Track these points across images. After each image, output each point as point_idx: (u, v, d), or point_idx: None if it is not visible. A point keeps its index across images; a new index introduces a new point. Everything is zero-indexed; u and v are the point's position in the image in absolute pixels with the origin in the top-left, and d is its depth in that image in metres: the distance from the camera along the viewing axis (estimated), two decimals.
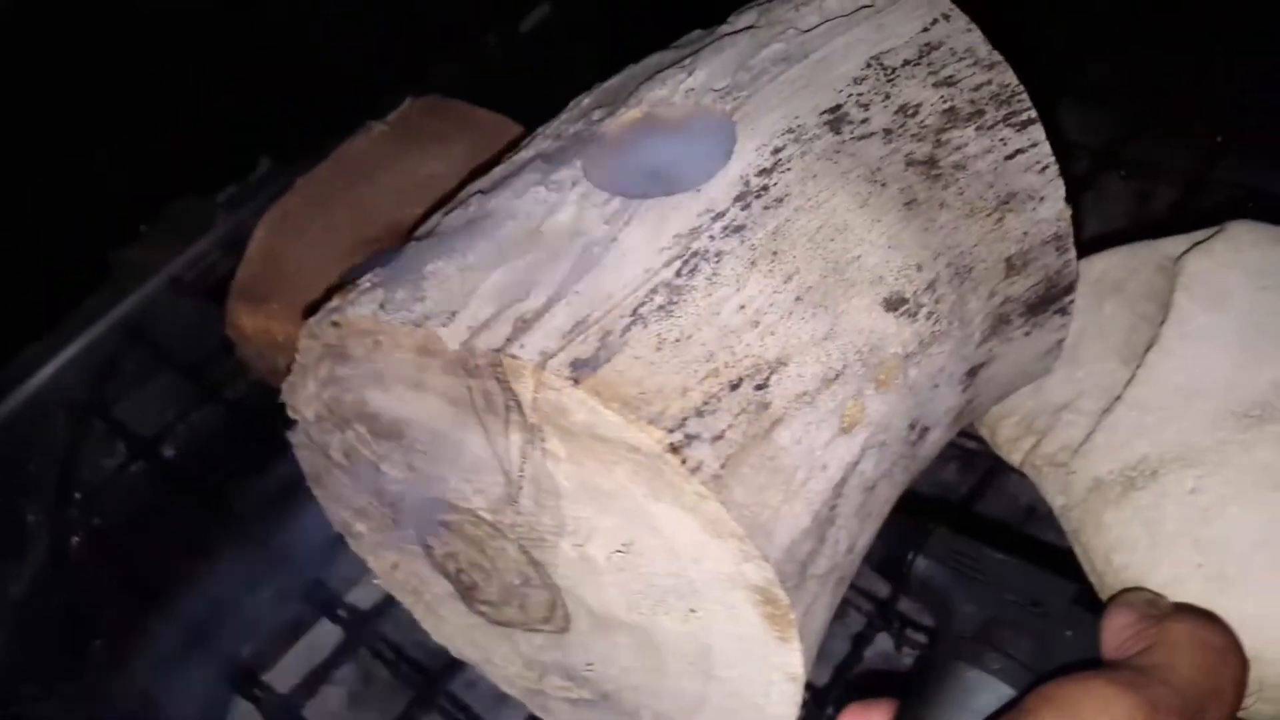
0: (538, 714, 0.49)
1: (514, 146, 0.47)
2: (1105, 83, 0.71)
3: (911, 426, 0.39)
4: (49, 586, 0.65)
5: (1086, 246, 0.52)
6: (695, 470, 0.31)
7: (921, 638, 0.47)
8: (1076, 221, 0.43)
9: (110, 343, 0.75)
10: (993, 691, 0.34)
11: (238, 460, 0.69)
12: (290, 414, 0.45)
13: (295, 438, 0.46)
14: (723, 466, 0.32)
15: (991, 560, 0.37)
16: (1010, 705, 0.32)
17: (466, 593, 0.45)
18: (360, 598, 0.61)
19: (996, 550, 0.37)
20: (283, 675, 0.63)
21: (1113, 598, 0.36)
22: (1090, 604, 0.36)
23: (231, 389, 0.71)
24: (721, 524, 0.32)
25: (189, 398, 0.72)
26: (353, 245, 0.60)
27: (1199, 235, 0.48)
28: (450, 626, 0.50)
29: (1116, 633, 0.34)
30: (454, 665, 0.53)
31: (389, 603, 0.55)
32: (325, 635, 0.66)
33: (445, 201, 0.47)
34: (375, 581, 0.51)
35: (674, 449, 0.32)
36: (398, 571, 0.49)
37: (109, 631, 0.63)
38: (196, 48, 0.84)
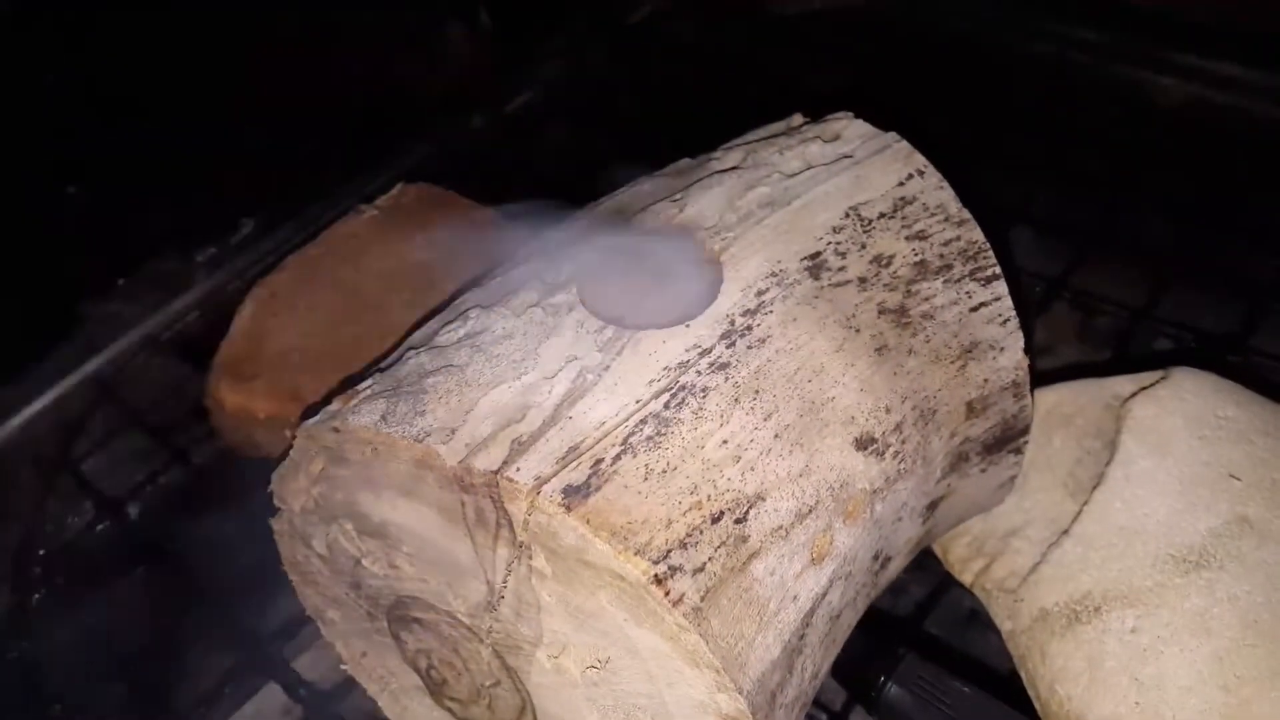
0: None
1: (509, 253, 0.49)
2: (1058, 215, 0.75)
3: (875, 557, 0.41)
4: (7, 643, 0.65)
5: (1037, 376, 0.56)
6: (677, 602, 0.34)
7: None
8: (1031, 365, 0.46)
9: (81, 397, 0.76)
10: None
11: (203, 525, 0.70)
12: (276, 503, 0.46)
13: (277, 525, 0.47)
14: (703, 599, 0.34)
15: (959, 693, 0.39)
16: None
17: (435, 688, 0.46)
18: (317, 672, 0.62)
19: (963, 683, 0.39)
20: None
21: None
22: None
23: (200, 453, 0.71)
24: (699, 655, 0.34)
25: (158, 459, 0.72)
26: (338, 327, 0.61)
27: (1145, 377, 0.52)
28: (414, 717, 0.51)
29: None
30: None
31: (348, 683, 0.56)
32: (271, 699, 0.66)
33: (431, 294, 0.49)
34: (342, 667, 0.52)
35: (658, 580, 0.34)
36: (366, 660, 0.51)
37: (67, 693, 0.63)
38: (188, 107, 0.85)
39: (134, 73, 0.78)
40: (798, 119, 0.52)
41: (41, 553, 0.69)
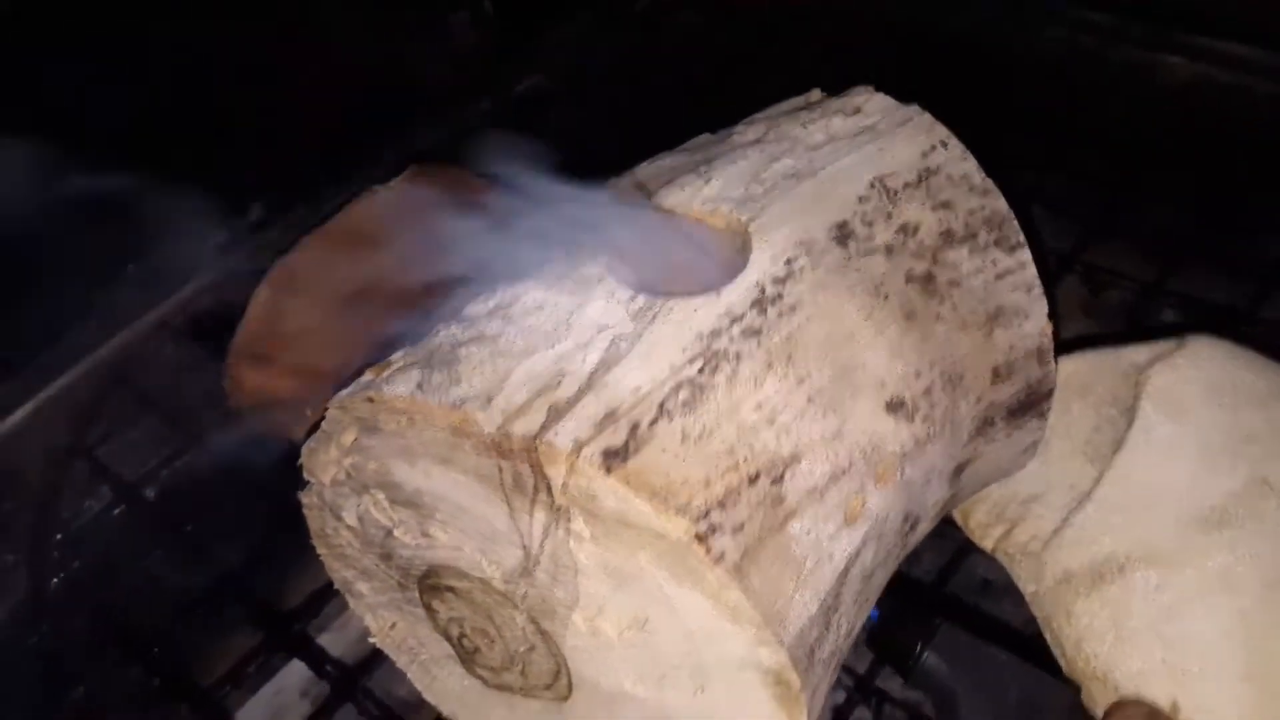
0: None
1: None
2: (1068, 193, 0.76)
3: (905, 519, 0.42)
4: (27, 628, 0.65)
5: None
6: (719, 560, 0.34)
7: (899, 713, 0.50)
8: (1055, 332, 0.46)
9: (95, 383, 0.76)
10: None
11: (222, 507, 0.70)
12: (306, 476, 0.47)
13: (306, 498, 0.47)
14: (743, 557, 0.35)
15: (994, 659, 0.39)
16: None
17: (467, 657, 0.47)
18: (341, 649, 0.63)
19: (999, 649, 0.39)
20: (258, 708, 0.64)
21: (1114, 705, 0.38)
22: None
23: (216, 436, 0.72)
24: (741, 610, 0.34)
25: (173, 442, 0.72)
26: (356, 309, 0.62)
27: (1160, 346, 0.53)
28: (444, 687, 0.51)
29: None
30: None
31: (374, 657, 0.57)
32: (292, 675, 0.67)
33: (449, 270, 0.49)
34: (371, 640, 0.52)
35: (700, 538, 0.34)
36: (395, 631, 0.51)
37: (87, 676, 0.63)
38: (194, 92, 0.85)
39: (145, 61, 0.78)
40: (816, 94, 0.52)
41: (59, 538, 0.69)
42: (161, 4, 0.79)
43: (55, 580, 0.68)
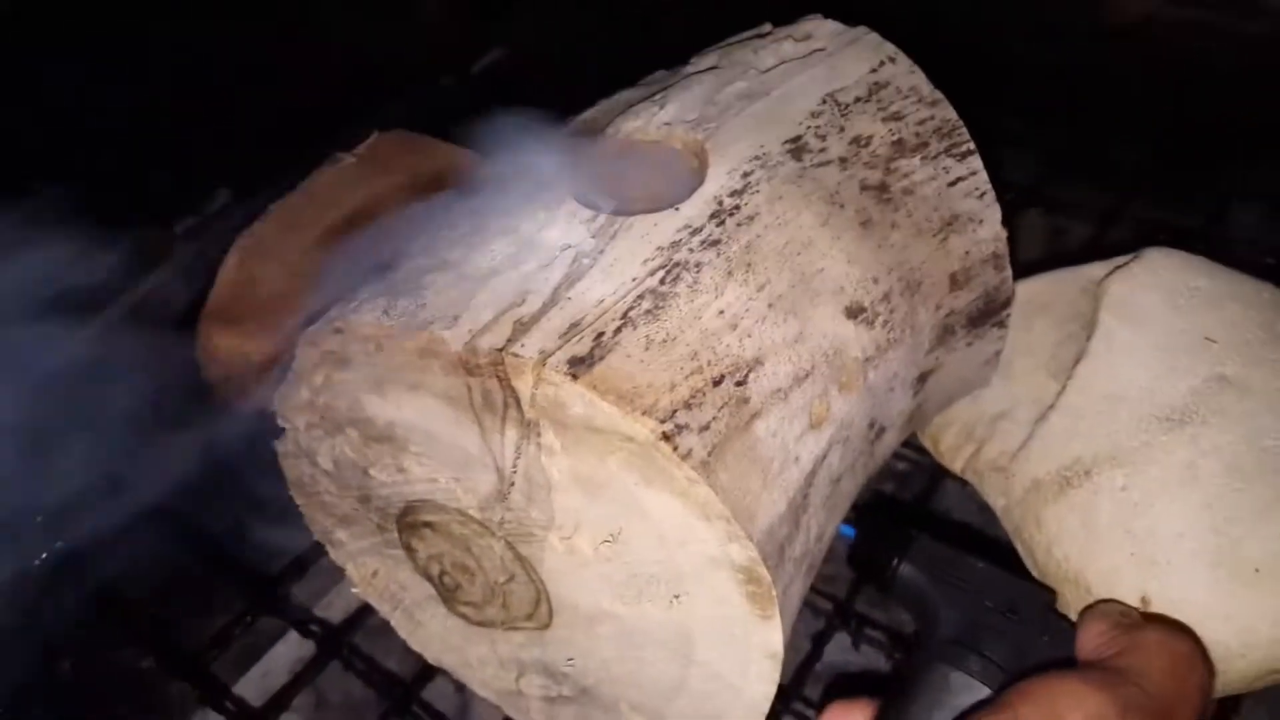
0: (513, 715, 0.51)
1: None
2: (1026, 128, 0.77)
3: (870, 425, 0.42)
4: (9, 609, 0.65)
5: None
6: (686, 456, 0.35)
7: (879, 635, 0.50)
8: (1011, 244, 0.47)
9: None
10: (972, 692, 0.36)
11: (202, 480, 0.70)
12: (280, 423, 0.47)
13: (281, 446, 0.48)
14: (710, 454, 0.35)
15: (971, 567, 0.40)
16: (988, 702, 0.35)
17: (449, 595, 0.47)
18: (326, 610, 0.63)
19: (976, 558, 0.40)
20: (248, 688, 0.64)
21: (1088, 607, 0.39)
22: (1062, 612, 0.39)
23: (192, 412, 0.72)
24: (710, 506, 0.35)
25: (149, 422, 0.72)
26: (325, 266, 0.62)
27: (1117, 261, 0.53)
28: (427, 632, 0.52)
29: (1091, 638, 0.37)
30: (426, 673, 0.55)
31: (358, 615, 0.57)
32: (277, 659, 0.67)
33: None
34: (353, 590, 0.53)
35: (666, 437, 0.35)
36: (377, 579, 0.51)
37: (75, 652, 0.63)
38: (157, 80, 0.85)
39: (107, 47, 0.78)
40: (767, 27, 0.53)
41: (39, 519, 0.69)
42: None
43: (37, 561, 0.68)
